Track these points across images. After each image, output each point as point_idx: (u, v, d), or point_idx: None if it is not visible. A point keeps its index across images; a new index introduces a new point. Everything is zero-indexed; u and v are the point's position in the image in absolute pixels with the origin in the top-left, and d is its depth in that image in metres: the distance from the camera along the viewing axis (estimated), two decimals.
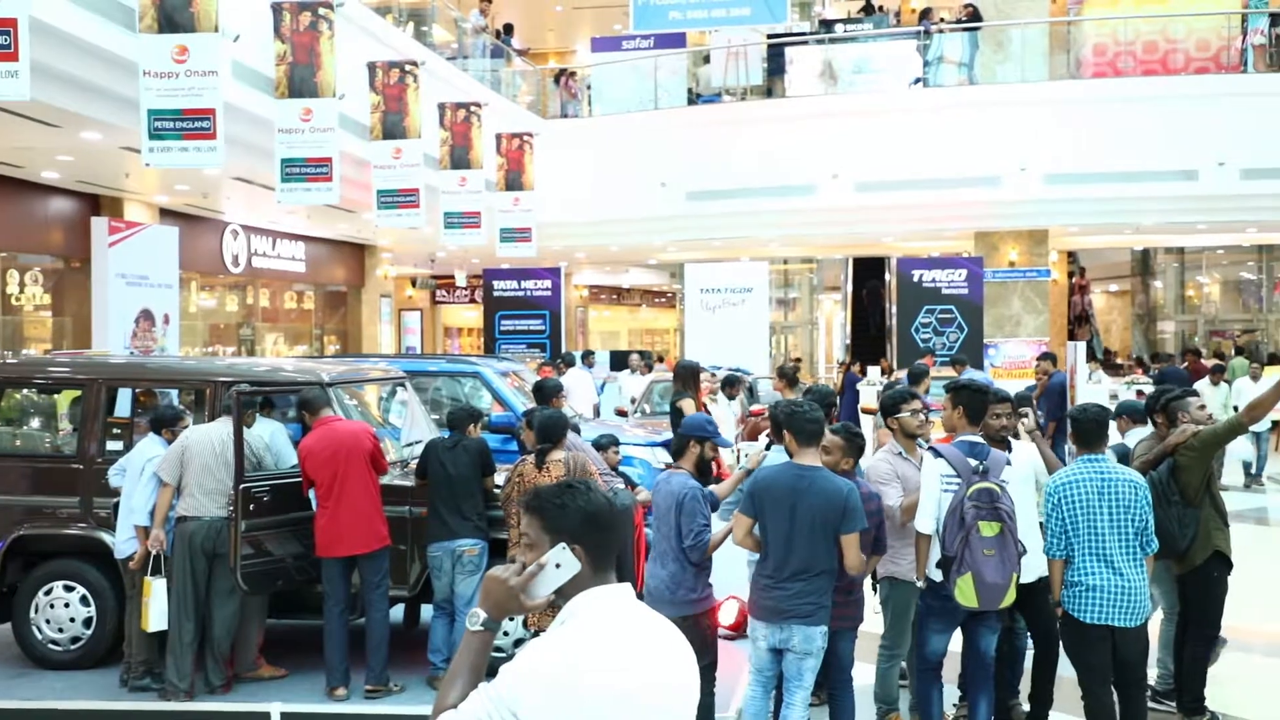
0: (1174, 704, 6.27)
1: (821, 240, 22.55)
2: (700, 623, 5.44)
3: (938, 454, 5.50)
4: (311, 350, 20.59)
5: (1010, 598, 5.35)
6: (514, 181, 17.08)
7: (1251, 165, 17.56)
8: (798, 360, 23.21)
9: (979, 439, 5.55)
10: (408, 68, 13.06)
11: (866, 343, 24.87)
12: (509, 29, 21.78)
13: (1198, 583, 6.03)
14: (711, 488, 5.73)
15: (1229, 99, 17.98)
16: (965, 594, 5.29)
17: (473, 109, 15.29)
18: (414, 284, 27.91)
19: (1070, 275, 28.64)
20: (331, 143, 10.78)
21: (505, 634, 6.84)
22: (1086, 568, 5.22)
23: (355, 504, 6.65)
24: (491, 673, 2.39)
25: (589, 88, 21.98)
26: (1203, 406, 6.46)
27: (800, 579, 5.06)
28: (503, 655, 6.29)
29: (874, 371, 18.98)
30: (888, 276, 24.29)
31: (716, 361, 15.50)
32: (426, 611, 7.58)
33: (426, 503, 6.96)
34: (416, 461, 7.22)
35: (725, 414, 10.28)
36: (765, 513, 5.13)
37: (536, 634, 4.76)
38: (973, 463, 5.36)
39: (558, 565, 2.40)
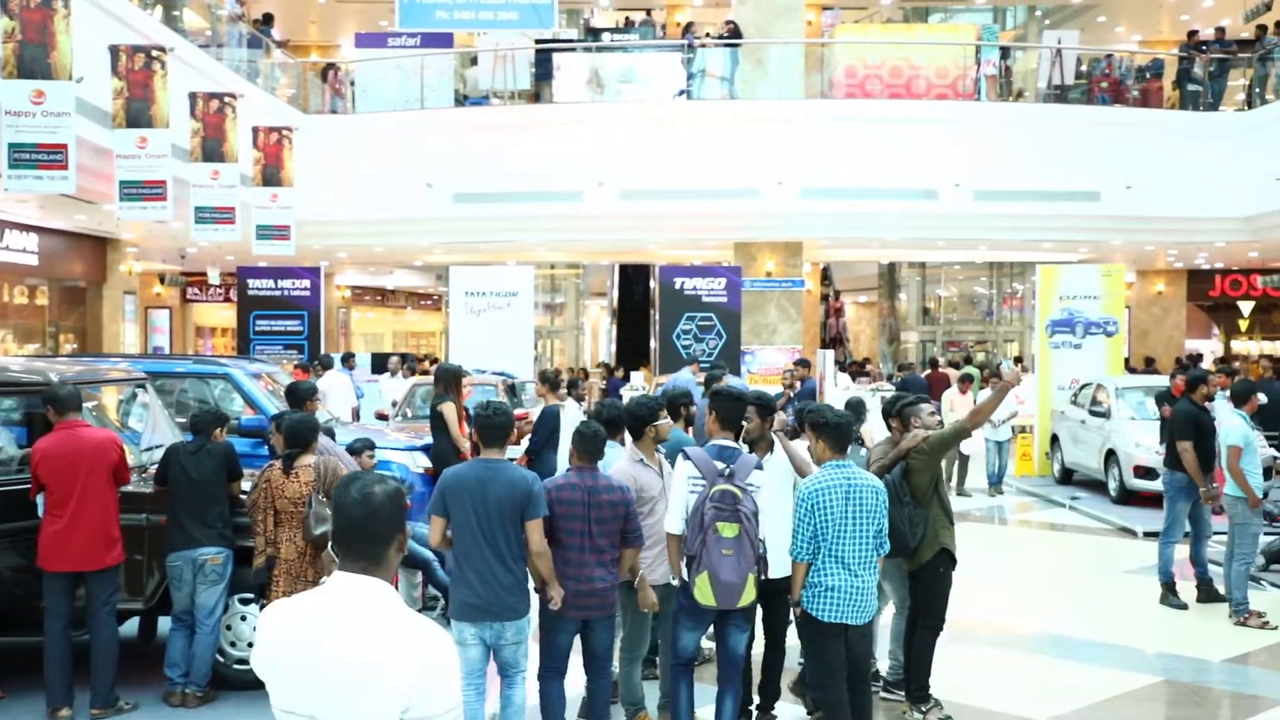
0: (903, 693, 6.65)
1: (588, 246, 22.76)
2: None
3: (687, 457, 5.66)
4: (45, 349, 19.20)
5: (748, 597, 5.52)
6: (272, 177, 16.47)
7: (983, 187, 18.86)
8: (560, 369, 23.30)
9: (731, 443, 5.72)
10: (155, 53, 12.38)
11: (631, 348, 25.31)
12: (268, 19, 21.00)
13: (925, 578, 6.41)
14: None
15: (964, 124, 19.27)
16: (703, 592, 5.44)
17: (227, 100, 14.65)
18: (162, 280, 26.48)
19: (825, 297, 30.09)
20: (67, 128, 10.10)
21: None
22: (826, 569, 5.45)
23: (90, 519, 6.26)
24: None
25: (353, 84, 21.44)
26: (934, 413, 6.87)
27: (500, 571, 5.20)
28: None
29: (637, 377, 19.35)
30: (651, 284, 24.77)
31: (481, 365, 15.44)
32: (164, 623, 7.19)
33: (166, 510, 6.63)
34: (156, 466, 6.87)
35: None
36: (454, 510, 5.25)
37: None
38: (720, 465, 5.53)
39: None
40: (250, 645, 6.77)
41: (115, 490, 6.42)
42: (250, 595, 6.77)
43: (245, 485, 6.80)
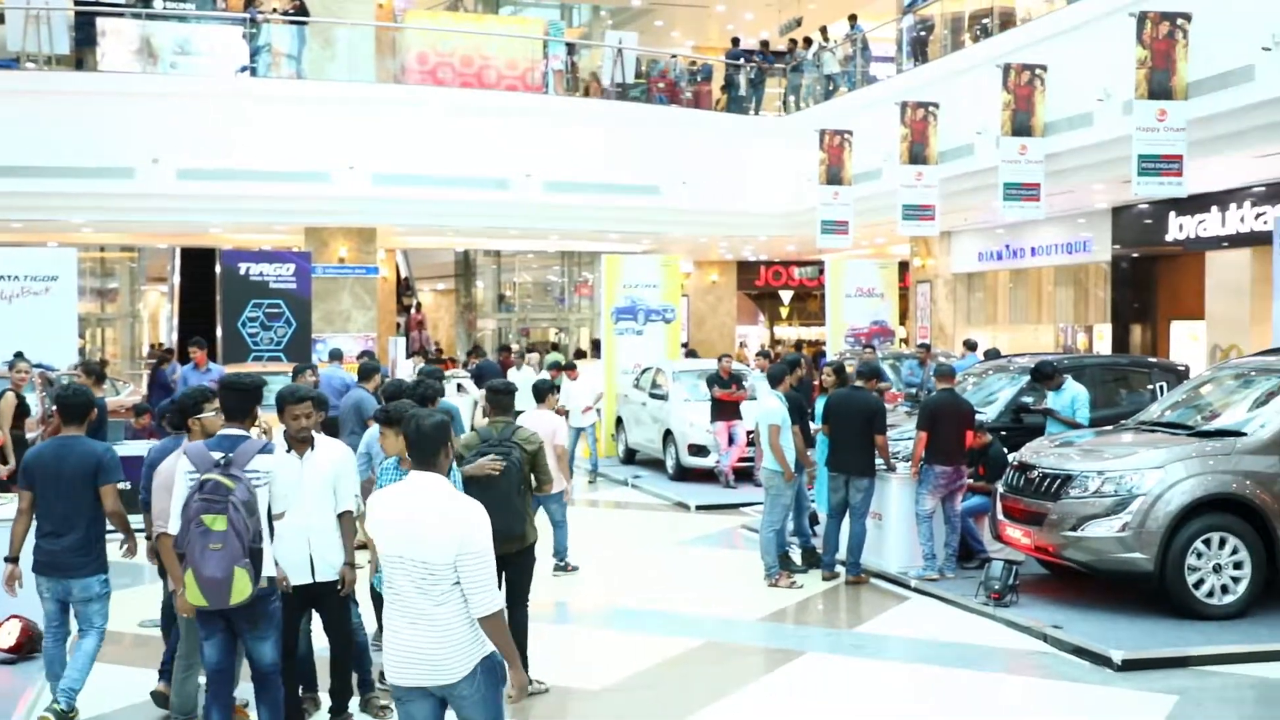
0: None
1: (143, 228, 21.20)
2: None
3: (186, 453, 5.36)
4: None
5: (241, 593, 5.07)
6: None
7: (552, 178, 19.48)
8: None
9: (239, 432, 5.35)
10: None
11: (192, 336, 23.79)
12: None
13: (525, 562, 6.61)
14: None
15: (534, 116, 19.81)
16: (192, 592, 5.07)
17: None
18: None
19: (406, 308, 29.94)
20: None
21: None
22: None
23: None
24: None
25: None
26: None
27: (73, 533, 5.85)
28: None
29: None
30: (217, 269, 23.44)
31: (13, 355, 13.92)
32: None
33: None
34: None
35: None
36: (37, 480, 5.87)
37: None
38: (216, 455, 5.19)
39: None
40: None
41: None
42: None
43: None
